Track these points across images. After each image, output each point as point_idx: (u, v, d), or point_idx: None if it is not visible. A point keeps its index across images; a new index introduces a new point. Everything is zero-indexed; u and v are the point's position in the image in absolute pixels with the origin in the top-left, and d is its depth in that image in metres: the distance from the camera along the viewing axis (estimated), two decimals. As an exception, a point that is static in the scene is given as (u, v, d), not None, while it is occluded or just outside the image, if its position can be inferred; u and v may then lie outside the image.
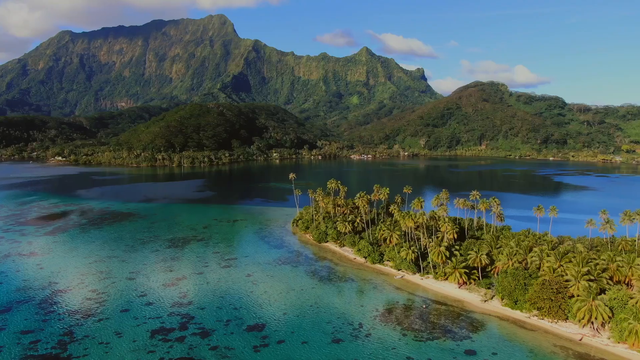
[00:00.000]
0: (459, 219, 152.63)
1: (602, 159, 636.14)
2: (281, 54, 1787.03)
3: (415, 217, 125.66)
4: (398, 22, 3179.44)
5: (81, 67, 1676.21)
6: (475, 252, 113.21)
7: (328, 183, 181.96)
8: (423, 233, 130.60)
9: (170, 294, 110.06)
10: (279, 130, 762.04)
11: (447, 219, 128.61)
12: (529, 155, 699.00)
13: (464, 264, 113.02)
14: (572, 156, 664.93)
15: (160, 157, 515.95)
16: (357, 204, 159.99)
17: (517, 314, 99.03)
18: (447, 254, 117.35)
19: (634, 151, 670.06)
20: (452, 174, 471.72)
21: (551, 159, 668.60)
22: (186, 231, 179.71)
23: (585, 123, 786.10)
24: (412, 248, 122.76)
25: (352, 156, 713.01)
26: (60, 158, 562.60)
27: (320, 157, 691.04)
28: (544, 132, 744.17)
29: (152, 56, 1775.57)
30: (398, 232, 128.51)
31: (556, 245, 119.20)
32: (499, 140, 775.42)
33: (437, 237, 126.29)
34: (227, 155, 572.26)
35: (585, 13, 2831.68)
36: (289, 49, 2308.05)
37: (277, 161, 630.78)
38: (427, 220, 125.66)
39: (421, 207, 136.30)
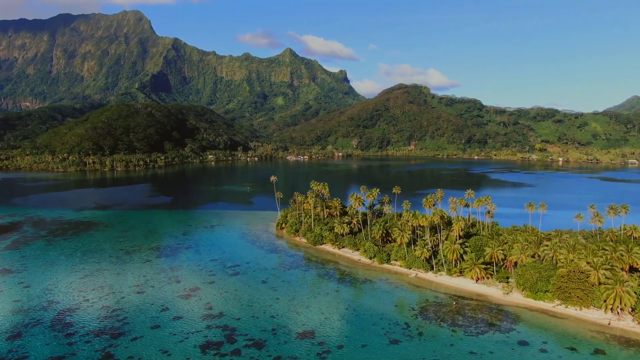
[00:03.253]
0: (448, 217, 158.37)
1: (521, 157, 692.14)
2: (202, 53, 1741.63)
3: (427, 216, 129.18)
4: (319, 24, 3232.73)
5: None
6: (491, 248, 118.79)
7: (314, 185, 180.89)
8: (438, 230, 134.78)
9: (194, 306, 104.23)
10: (211, 132, 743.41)
11: (460, 218, 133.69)
12: (456, 155, 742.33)
13: (481, 259, 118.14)
14: (494, 155, 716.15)
15: (90, 160, 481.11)
16: (352, 205, 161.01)
17: (541, 304, 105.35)
18: (462, 251, 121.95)
19: (545, 150, 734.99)
20: (396, 174, 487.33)
21: (476, 157, 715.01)
22: (167, 239, 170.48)
23: (501, 124, 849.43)
24: (426, 247, 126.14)
25: (288, 157, 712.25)
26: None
27: (256, 159, 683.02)
28: (467, 132, 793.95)
29: (60, 53, 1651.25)
30: (409, 232, 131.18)
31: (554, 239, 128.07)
32: (427, 140, 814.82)
33: (449, 235, 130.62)
34: (162, 158, 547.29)
35: (493, 22, 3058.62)
36: (210, 48, 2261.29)
37: (213, 163, 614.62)
38: (438, 219, 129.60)
39: (429, 207, 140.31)
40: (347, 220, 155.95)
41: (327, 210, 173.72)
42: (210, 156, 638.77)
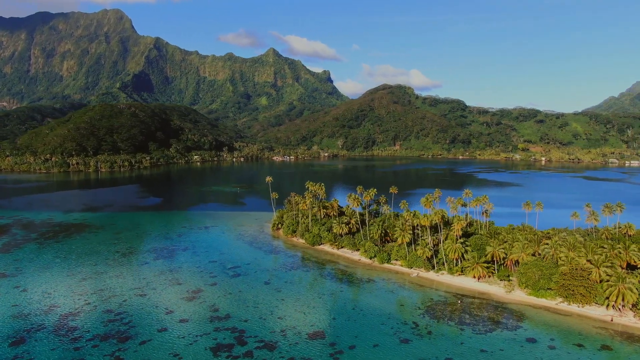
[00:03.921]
0: (447, 217, 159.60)
1: (505, 157, 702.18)
2: (185, 52, 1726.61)
3: (428, 215, 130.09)
4: (302, 25, 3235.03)
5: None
6: (493, 247, 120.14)
7: (310, 186, 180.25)
8: (439, 230, 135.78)
9: (199, 309, 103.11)
10: (196, 132, 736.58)
11: (461, 217, 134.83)
12: (440, 155, 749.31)
13: (483, 258, 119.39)
14: (479, 154, 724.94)
15: (73, 161, 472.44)
16: (350, 205, 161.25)
17: (544, 302, 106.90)
18: (463, 250, 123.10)
19: (528, 149, 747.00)
20: (384, 174, 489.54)
21: (460, 157, 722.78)
22: (162, 241, 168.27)
23: (484, 124, 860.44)
24: (428, 246, 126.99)
25: (274, 157, 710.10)
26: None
27: (242, 159, 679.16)
28: (451, 132, 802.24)
29: (39, 51, 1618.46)
30: (410, 232, 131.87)
31: (552, 237, 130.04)
32: (412, 140, 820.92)
33: (449, 234, 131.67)
34: (147, 158, 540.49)
35: (469, 23, 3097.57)
36: (193, 48, 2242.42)
37: (199, 164, 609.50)
38: (440, 219, 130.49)
39: (429, 206, 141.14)
40: (345, 220, 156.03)
41: (324, 210, 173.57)
42: (195, 157, 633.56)
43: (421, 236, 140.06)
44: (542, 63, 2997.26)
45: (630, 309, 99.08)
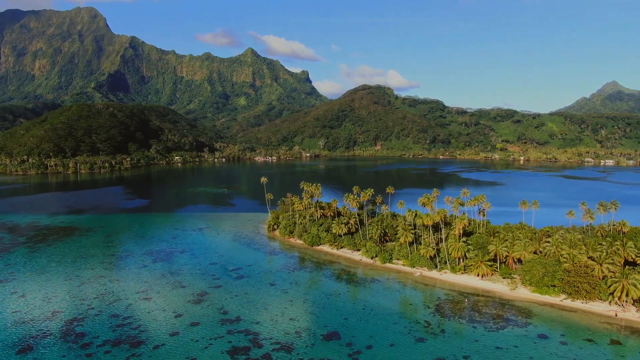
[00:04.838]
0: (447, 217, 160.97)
1: (484, 157, 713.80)
2: (161, 52, 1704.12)
3: (430, 215, 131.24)
4: (280, 25, 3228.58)
5: None
6: (495, 245, 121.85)
7: (306, 186, 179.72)
8: (439, 229, 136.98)
9: (208, 311, 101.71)
10: (175, 133, 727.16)
11: (462, 217, 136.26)
12: (421, 154, 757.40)
13: (487, 257, 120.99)
14: (459, 154, 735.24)
15: (52, 163, 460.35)
16: (351, 205, 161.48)
17: (549, 299, 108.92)
18: (465, 249, 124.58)
19: (506, 149, 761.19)
20: (367, 174, 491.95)
21: (441, 157, 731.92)
22: (158, 243, 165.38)
23: (463, 124, 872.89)
24: (430, 245, 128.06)
25: (256, 158, 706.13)
26: None
27: (224, 160, 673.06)
28: (431, 132, 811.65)
29: (9, 50, 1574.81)
30: (412, 232, 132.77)
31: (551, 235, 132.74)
32: (392, 140, 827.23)
33: (449, 233, 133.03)
34: (128, 159, 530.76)
35: (446, 25, 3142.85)
36: (170, 47, 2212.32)
37: (180, 165, 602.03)
38: (442, 218, 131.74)
39: (430, 206, 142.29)
40: (344, 220, 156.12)
41: (321, 211, 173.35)
42: (176, 157, 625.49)
43: (421, 236, 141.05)
44: (517, 64, 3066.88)
45: (633, 304, 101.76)
